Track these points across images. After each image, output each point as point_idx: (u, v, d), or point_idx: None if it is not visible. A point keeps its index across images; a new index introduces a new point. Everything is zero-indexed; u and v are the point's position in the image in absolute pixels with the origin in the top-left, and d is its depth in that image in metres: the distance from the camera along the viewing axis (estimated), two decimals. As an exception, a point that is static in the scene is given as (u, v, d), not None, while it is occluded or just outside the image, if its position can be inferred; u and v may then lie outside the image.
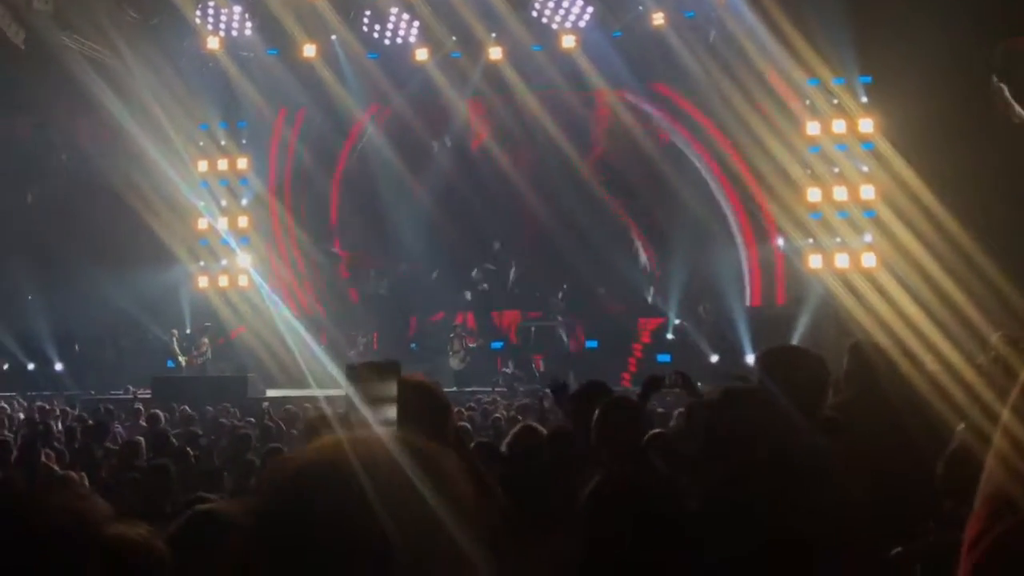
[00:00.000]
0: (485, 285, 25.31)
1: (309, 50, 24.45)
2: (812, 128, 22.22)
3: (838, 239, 21.94)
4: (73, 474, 8.05)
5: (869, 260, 21.37)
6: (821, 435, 2.60)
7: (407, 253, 25.88)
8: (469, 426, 9.25)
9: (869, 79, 22.03)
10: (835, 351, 5.36)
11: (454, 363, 23.29)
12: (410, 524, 1.24)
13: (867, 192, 21.77)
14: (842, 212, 22.00)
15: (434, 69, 24.33)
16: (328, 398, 13.60)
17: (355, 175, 25.77)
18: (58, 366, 25.33)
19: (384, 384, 2.44)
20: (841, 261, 21.66)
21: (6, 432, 12.72)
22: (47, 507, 1.12)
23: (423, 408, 2.83)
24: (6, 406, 16.94)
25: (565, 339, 23.74)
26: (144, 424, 13.13)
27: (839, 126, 22.06)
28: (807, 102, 22.22)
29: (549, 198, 24.18)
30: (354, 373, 2.49)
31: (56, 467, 9.08)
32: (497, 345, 24.95)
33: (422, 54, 24.46)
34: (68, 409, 16.48)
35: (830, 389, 4.72)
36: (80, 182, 26.85)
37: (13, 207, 27.29)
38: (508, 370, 23.27)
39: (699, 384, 6.77)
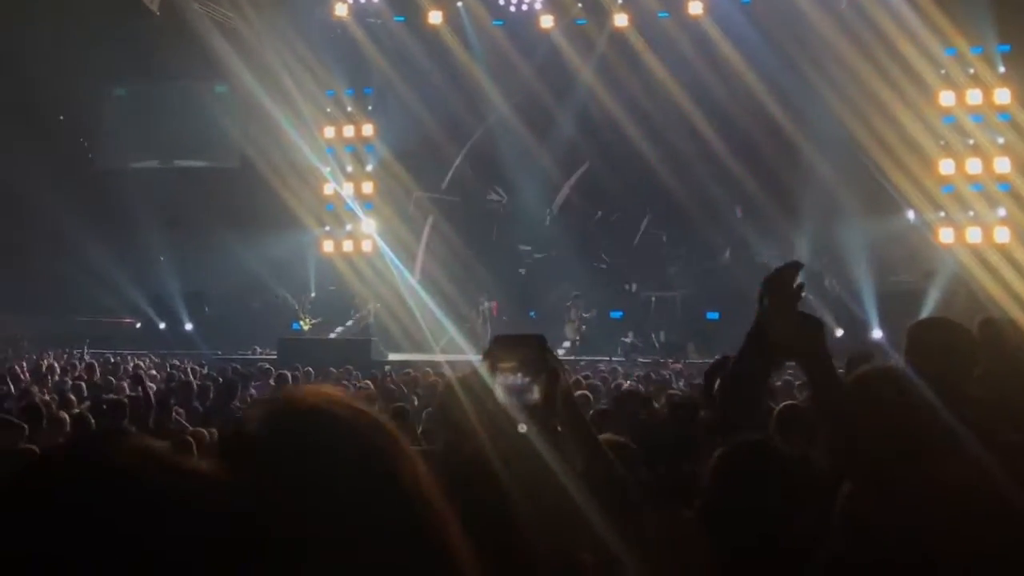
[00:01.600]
0: (605, 265, 25.24)
1: (435, 16, 24.64)
2: (946, 98, 21.62)
3: (971, 212, 21.35)
4: (204, 431, 8.24)
5: (1003, 235, 20.76)
6: (967, 410, 2.52)
7: (531, 219, 25.96)
8: (590, 395, 9.21)
9: (1008, 48, 21.31)
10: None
11: (569, 331, 23.21)
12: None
13: (1002, 165, 21.13)
14: (976, 185, 21.40)
15: (559, 36, 24.29)
16: (451, 363, 13.66)
17: (481, 141, 25.86)
18: (188, 326, 25.99)
19: (514, 355, 2.45)
20: (973, 235, 21.09)
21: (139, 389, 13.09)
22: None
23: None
24: (141, 363, 17.49)
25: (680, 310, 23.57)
26: (273, 384, 13.42)
27: (975, 96, 21.42)
28: (942, 72, 21.59)
29: (675, 167, 23.92)
30: (492, 346, 2.50)
31: (187, 424, 9.32)
32: (616, 315, 24.84)
33: (547, 21, 24.46)
34: (197, 368, 16.88)
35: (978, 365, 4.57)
36: (211, 146, 27.51)
37: (143, 170, 28.08)
38: (628, 339, 23.13)
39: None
